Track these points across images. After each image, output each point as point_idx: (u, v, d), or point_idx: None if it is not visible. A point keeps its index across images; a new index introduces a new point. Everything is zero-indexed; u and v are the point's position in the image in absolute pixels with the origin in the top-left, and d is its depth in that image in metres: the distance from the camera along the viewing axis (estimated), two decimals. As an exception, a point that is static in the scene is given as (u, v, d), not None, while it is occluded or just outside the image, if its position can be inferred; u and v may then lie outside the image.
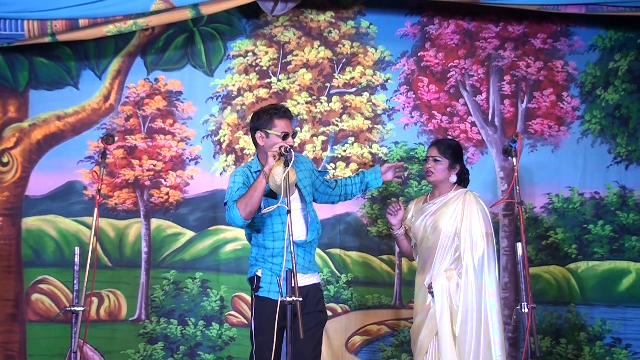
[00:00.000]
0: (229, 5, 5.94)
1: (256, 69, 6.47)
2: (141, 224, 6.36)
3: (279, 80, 6.47)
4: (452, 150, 5.26)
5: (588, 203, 6.53)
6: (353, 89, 6.50)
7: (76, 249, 4.70)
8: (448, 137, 6.37)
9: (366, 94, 6.49)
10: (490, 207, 5.27)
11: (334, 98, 6.48)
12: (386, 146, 6.47)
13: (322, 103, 6.47)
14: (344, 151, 6.46)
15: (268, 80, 6.47)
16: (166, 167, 6.39)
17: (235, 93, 6.46)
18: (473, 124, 6.51)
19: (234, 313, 6.33)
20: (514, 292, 6.31)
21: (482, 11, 6.46)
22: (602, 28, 6.59)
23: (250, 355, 4.83)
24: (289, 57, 6.49)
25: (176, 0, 5.74)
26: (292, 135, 4.86)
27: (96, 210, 4.84)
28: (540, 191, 6.52)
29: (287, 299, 4.26)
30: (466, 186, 5.33)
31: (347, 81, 6.50)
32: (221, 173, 6.40)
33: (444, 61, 6.53)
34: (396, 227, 5.36)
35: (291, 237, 4.37)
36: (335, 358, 6.27)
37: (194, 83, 6.45)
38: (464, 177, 5.33)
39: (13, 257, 6.22)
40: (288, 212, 4.40)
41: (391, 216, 5.34)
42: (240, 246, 6.34)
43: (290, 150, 4.55)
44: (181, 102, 6.43)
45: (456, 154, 5.27)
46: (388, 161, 6.23)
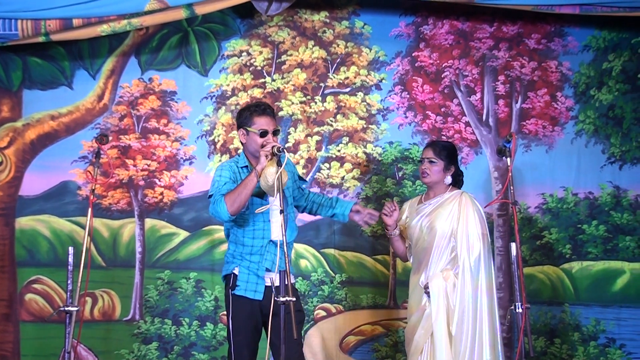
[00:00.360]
0: (223, 5, 5.93)
1: (250, 69, 6.46)
2: (135, 224, 6.35)
3: (274, 80, 6.47)
4: (447, 151, 5.27)
5: (582, 203, 6.54)
6: (347, 89, 6.50)
7: (70, 249, 4.69)
8: (443, 139, 6.38)
9: (360, 94, 6.49)
10: (484, 207, 5.29)
11: (329, 98, 6.48)
12: (380, 146, 6.47)
13: (317, 103, 6.47)
14: (339, 151, 6.45)
15: (262, 80, 6.46)
16: (160, 167, 6.38)
17: (229, 93, 6.45)
18: (467, 124, 6.52)
19: (228, 313, 6.32)
20: (508, 292, 6.31)
21: (477, 11, 6.47)
22: (596, 28, 6.60)
23: (228, 354, 4.83)
24: (284, 57, 6.48)
25: (170, 0, 5.73)
26: (274, 132, 4.80)
27: (90, 210, 4.82)
28: (534, 191, 6.53)
29: (281, 299, 4.26)
30: (460, 187, 5.35)
31: (342, 81, 6.50)
32: (215, 173, 6.40)
33: (439, 61, 6.53)
34: (391, 228, 5.35)
35: (284, 238, 4.37)
36: (329, 358, 6.27)
37: (189, 83, 6.44)
38: (459, 179, 5.35)
39: (7, 257, 6.21)
40: (281, 212, 4.40)
41: (386, 217, 5.34)
42: (234, 246, 6.33)
43: (283, 150, 4.53)
44: (175, 102, 6.42)
45: (451, 156, 5.28)
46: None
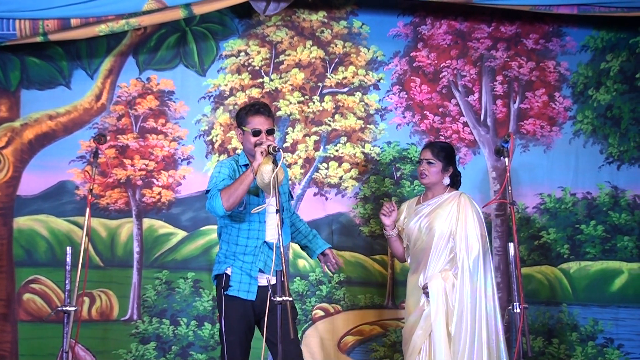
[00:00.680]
0: (222, 5, 5.93)
1: (249, 69, 6.46)
2: (133, 224, 6.35)
3: (272, 80, 6.47)
4: (445, 152, 5.30)
5: (580, 203, 6.54)
6: (345, 89, 6.50)
7: (68, 249, 4.69)
8: (441, 139, 6.39)
9: (359, 94, 6.49)
10: (482, 207, 5.30)
11: (327, 98, 6.48)
12: (379, 146, 6.47)
13: (315, 103, 6.47)
14: (337, 151, 6.45)
15: (260, 80, 6.46)
16: (158, 167, 6.38)
17: (227, 93, 6.45)
18: (465, 125, 6.52)
19: (226, 313, 6.32)
20: (507, 293, 6.31)
21: (475, 11, 6.47)
22: (594, 28, 6.61)
23: (221, 354, 4.82)
24: (282, 57, 6.48)
25: (168, 0, 5.73)
26: (268, 132, 4.79)
27: (88, 210, 4.82)
28: (532, 191, 6.53)
29: (278, 299, 4.26)
30: (458, 188, 5.37)
31: (340, 81, 6.49)
32: (213, 173, 6.40)
33: (437, 61, 6.53)
34: (389, 228, 5.36)
35: (280, 237, 4.36)
36: (327, 358, 6.26)
37: (186, 83, 6.44)
38: (457, 179, 5.38)
39: (4, 257, 6.20)
40: (277, 212, 4.40)
41: (385, 217, 5.34)
42: (232, 246, 6.34)
43: (279, 149, 4.53)
44: (173, 102, 6.42)
45: (449, 157, 5.31)
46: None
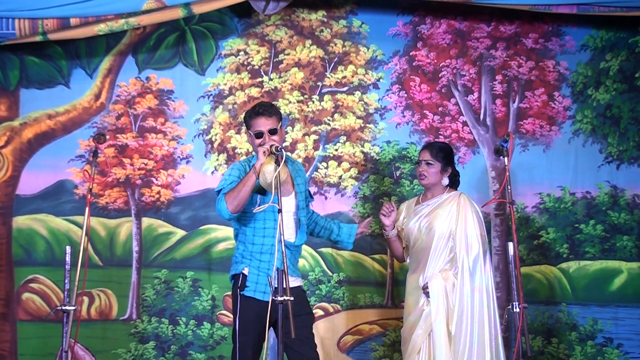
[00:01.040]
0: (221, 4, 5.93)
1: (248, 68, 6.46)
2: (132, 223, 6.34)
3: (271, 79, 6.46)
4: (444, 153, 5.32)
5: (579, 203, 6.54)
6: (345, 88, 6.50)
7: (67, 248, 4.69)
8: (440, 138, 6.39)
9: (358, 93, 6.49)
10: (481, 207, 5.31)
11: (326, 97, 6.48)
12: (378, 145, 6.47)
13: (314, 102, 6.47)
14: (336, 150, 6.45)
15: (260, 79, 6.46)
16: (157, 166, 6.38)
17: (227, 92, 6.44)
18: (465, 124, 6.52)
19: (226, 312, 6.32)
20: (506, 292, 6.31)
21: (474, 11, 6.47)
22: (594, 28, 6.61)
23: (232, 353, 4.81)
24: (281, 56, 6.48)
25: (168, -1, 5.74)
26: (271, 132, 4.77)
27: (87, 209, 4.82)
28: (531, 191, 6.53)
29: (279, 298, 4.25)
30: (457, 188, 5.39)
31: (339, 80, 6.49)
32: (212, 172, 6.40)
33: (436, 61, 6.53)
34: (389, 229, 5.36)
35: (282, 237, 4.35)
36: (327, 358, 6.26)
37: (186, 82, 6.43)
38: (455, 179, 5.39)
39: (4, 256, 6.20)
40: (279, 212, 4.39)
41: (384, 217, 5.34)
42: (231, 245, 6.31)
43: (281, 149, 4.52)
44: (172, 101, 6.42)
45: (448, 157, 5.33)
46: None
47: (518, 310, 4.61)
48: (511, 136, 4.78)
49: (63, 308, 4.63)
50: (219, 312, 6.31)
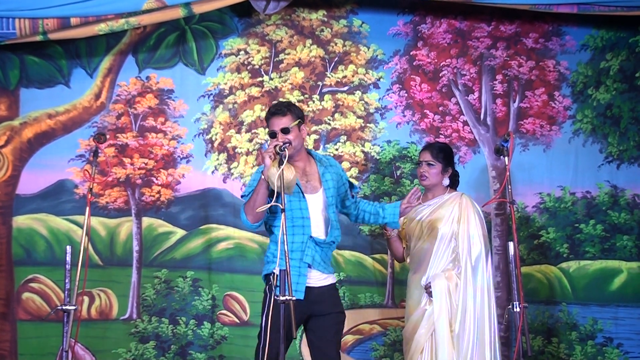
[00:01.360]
0: (221, 4, 5.93)
1: (248, 68, 6.46)
2: (132, 223, 6.34)
3: (271, 78, 6.46)
4: (445, 154, 5.35)
5: (579, 202, 6.54)
6: (345, 88, 6.50)
7: (68, 248, 4.67)
8: (441, 138, 6.40)
9: (358, 93, 6.49)
10: (482, 207, 5.32)
11: (326, 97, 6.48)
12: (379, 145, 6.47)
13: (315, 102, 6.47)
14: (337, 150, 6.45)
15: (260, 78, 6.46)
16: (158, 166, 6.38)
17: (227, 91, 6.44)
18: (465, 123, 6.52)
19: (226, 312, 6.32)
20: (506, 292, 6.31)
21: (475, 11, 6.47)
22: (594, 28, 6.60)
23: (256, 351, 4.73)
24: (281, 56, 6.48)
25: (168, -2, 5.74)
26: (283, 130, 4.76)
27: (88, 209, 4.81)
28: (532, 190, 6.53)
29: (281, 298, 4.25)
30: (456, 188, 5.41)
31: (340, 80, 6.49)
32: (213, 172, 6.40)
33: (436, 60, 6.53)
34: (390, 229, 5.37)
35: (285, 237, 4.35)
36: (327, 357, 6.26)
37: (186, 81, 6.43)
38: (455, 180, 5.41)
39: (4, 256, 6.20)
40: (282, 211, 4.39)
41: None
42: (232, 245, 6.34)
43: (284, 148, 4.52)
44: (173, 101, 6.42)
45: (448, 158, 5.36)
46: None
47: (518, 309, 4.61)
48: (511, 136, 4.77)
49: (63, 308, 4.62)
50: (219, 312, 6.31)
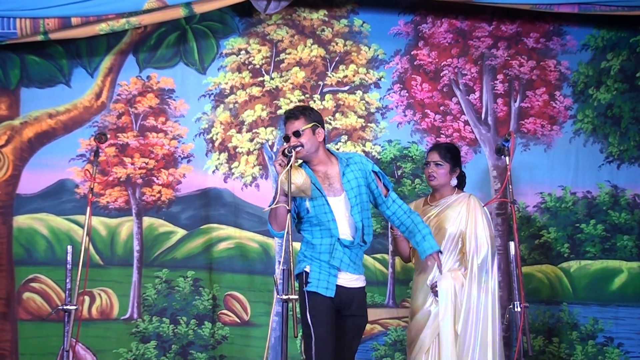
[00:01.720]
0: (222, 3, 5.93)
1: (249, 67, 6.45)
2: (133, 223, 6.34)
3: (272, 78, 6.46)
4: (452, 154, 5.38)
5: (580, 202, 6.54)
6: (346, 88, 6.50)
7: (68, 248, 4.69)
8: (442, 137, 6.41)
9: (359, 93, 6.49)
10: (483, 206, 5.32)
11: (327, 96, 6.48)
12: (379, 144, 6.47)
13: (315, 101, 6.46)
14: (337, 149, 6.44)
15: (261, 78, 6.45)
16: (158, 165, 6.37)
17: (228, 91, 6.44)
18: (466, 123, 6.52)
19: (227, 312, 6.32)
20: (507, 291, 6.30)
21: (475, 10, 6.46)
22: (595, 27, 6.60)
23: (306, 347, 4.68)
24: (282, 56, 6.47)
25: (169, -2, 5.74)
26: (294, 133, 4.78)
27: (89, 208, 4.82)
28: (532, 190, 6.53)
29: (283, 297, 4.27)
30: (463, 189, 5.41)
31: (341, 79, 6.49)
32: (214, 171, 6.39)
33: (437, 60, 6.53)
34: (396, 227, 5.38)
35: (290, 236, 4.37)
36: (328, 357, 6.26)
37: (187, 81, 6.43)
38: (462, 180, 5.43)
39: (4, 256, 6.19)
40: (288, 212, 4.41)
41: None
42: (232, 245, 6.34)
43: (291, 151, 4.54)
44: (173, 100, 6.42)
45: (456, 158, 5.39)
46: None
47: (519, 309, 4.62)
48: (512, 136, 4.79)
49: (64, 307, 4.63)
50: (220, 312, 6.31)
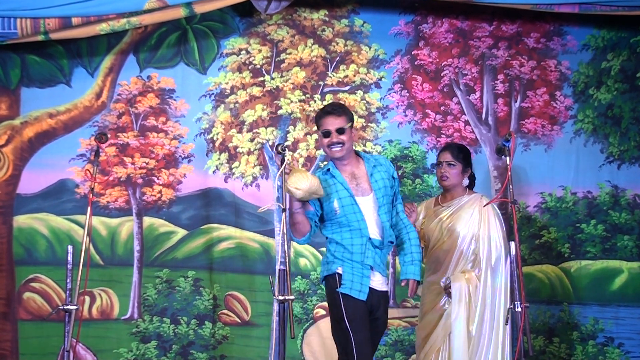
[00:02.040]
0: (223, 3, 5.93)
1: (250, 67, 6.45)
2: (133, 222, 6.34)
3: (273, 78, 6.46)
4: (464, 154, 5.40)
5: (581, 202, 6.54)
6: (347, 88, 6.49)
7: (69, 248, 4.68)
8: (442, 137, 6.42)
9: (360, 93, 6.49)
10: (483, 206, 5.31)
11: (328, 96, 6.47)
12: (380, 144, 6.47)
13: (316, 101, 6.46)
14: (338, 150, 6.43)
15: (261, 78, 6.45)
16: (159, 165, 6.37)
17: (228, 91, 6.44)
18: (467, 123, 6.52)
19: (227, 312, 6.32)
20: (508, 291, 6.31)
21: (476, 10, 6.46)
22: (595, 27, 6.61)
23: (348, 351, 4.63)
24: (283, 56, 6.47)
25: (169, -2, 5.74)
26: (338, 131, 4.70)
27: (89, 208, 4.81)
28: (533, 190, 6.53)
29: (280, 297, 4.26)
30: (472, 189, 5.45)
31: (341, 79, 6.49)
32: (214, 171, 6.39)
33: (438, 60, 6.53)
34: None
35: (285, 236, 4.36)
36: (329, 357, 6.24)
37: (187, 81, 6.43)
38: (473, 180, 5.45)
39: (5, 256, 6.19)
40: (283, 211, 4.40)
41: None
42: (233, 245, 6.33)
43: (285, 149, 4.50)
44: (174, 100, 6.41)
45: (467, 158, 5.41)
46: None
47: (520, 309, 4.61)
48: (513, 136, 4.78)
49: (65, 307, 4.63)
50: (221, 312, 6.31)
